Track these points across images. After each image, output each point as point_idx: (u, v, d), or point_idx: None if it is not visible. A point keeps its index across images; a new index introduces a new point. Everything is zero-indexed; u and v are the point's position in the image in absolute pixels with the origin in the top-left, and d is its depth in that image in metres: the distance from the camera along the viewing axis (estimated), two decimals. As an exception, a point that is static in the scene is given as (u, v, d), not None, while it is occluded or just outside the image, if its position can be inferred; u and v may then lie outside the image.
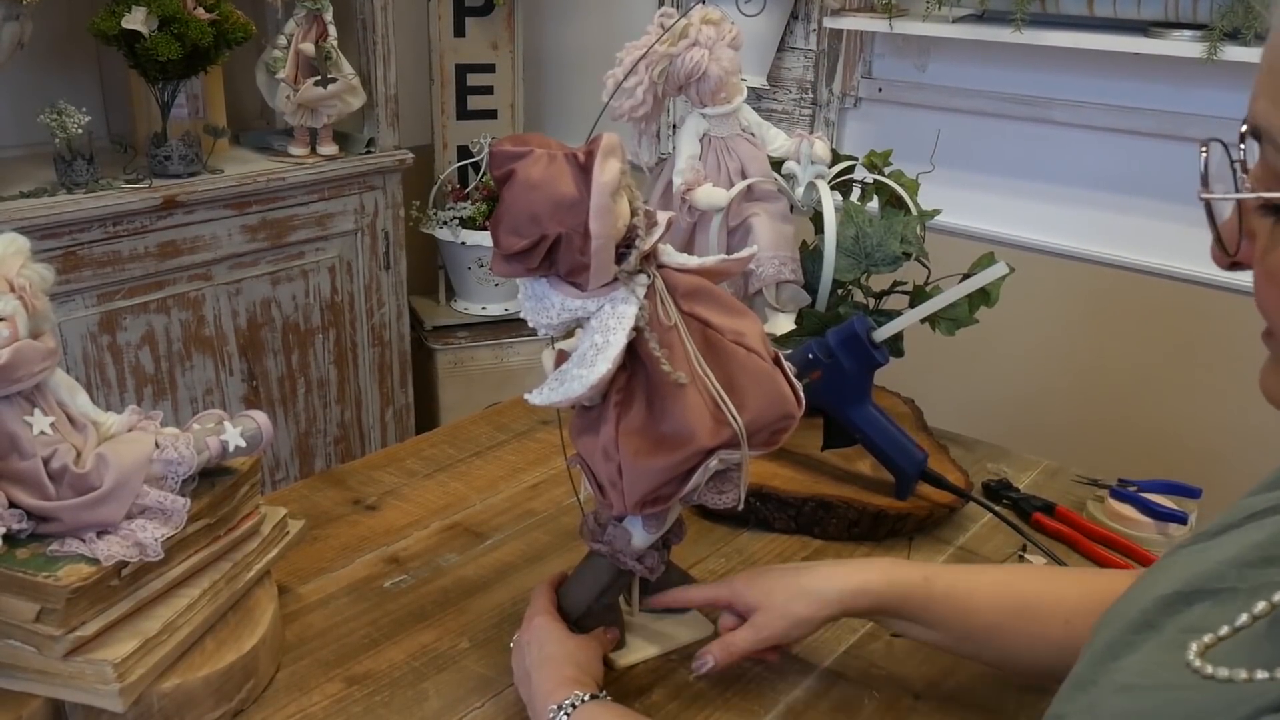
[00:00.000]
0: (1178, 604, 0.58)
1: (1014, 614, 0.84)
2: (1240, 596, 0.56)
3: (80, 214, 1.72)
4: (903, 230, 1.22)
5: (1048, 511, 1.16)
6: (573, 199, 0.71)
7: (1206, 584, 0.58)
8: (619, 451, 0.77)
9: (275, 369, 2.09)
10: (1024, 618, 0.83)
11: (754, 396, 0.79)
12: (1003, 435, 1.39)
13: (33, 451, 0.78)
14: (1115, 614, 0.63)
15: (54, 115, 1.71)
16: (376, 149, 2.17)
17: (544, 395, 0.77)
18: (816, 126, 2.28)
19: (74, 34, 1.97)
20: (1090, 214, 2.00)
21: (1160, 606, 0.59)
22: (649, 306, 0.77)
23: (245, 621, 0.88)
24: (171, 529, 0.81)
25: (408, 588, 1.02)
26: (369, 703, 0.86)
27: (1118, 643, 0.59)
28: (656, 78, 1.18)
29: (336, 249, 2.14)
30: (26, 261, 0.79)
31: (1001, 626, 0.83)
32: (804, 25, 2.26)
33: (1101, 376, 2.01)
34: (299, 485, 1.21)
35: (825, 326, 1.13)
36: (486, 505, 1.17)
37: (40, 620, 0.75)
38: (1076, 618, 0.79)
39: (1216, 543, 0.62)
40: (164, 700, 0.80)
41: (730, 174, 1.23)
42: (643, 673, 0.91)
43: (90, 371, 1.81)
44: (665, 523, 0.85)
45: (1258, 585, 0.55)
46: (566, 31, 2.71)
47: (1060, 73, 1.96)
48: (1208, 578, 0.58)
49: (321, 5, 2.00)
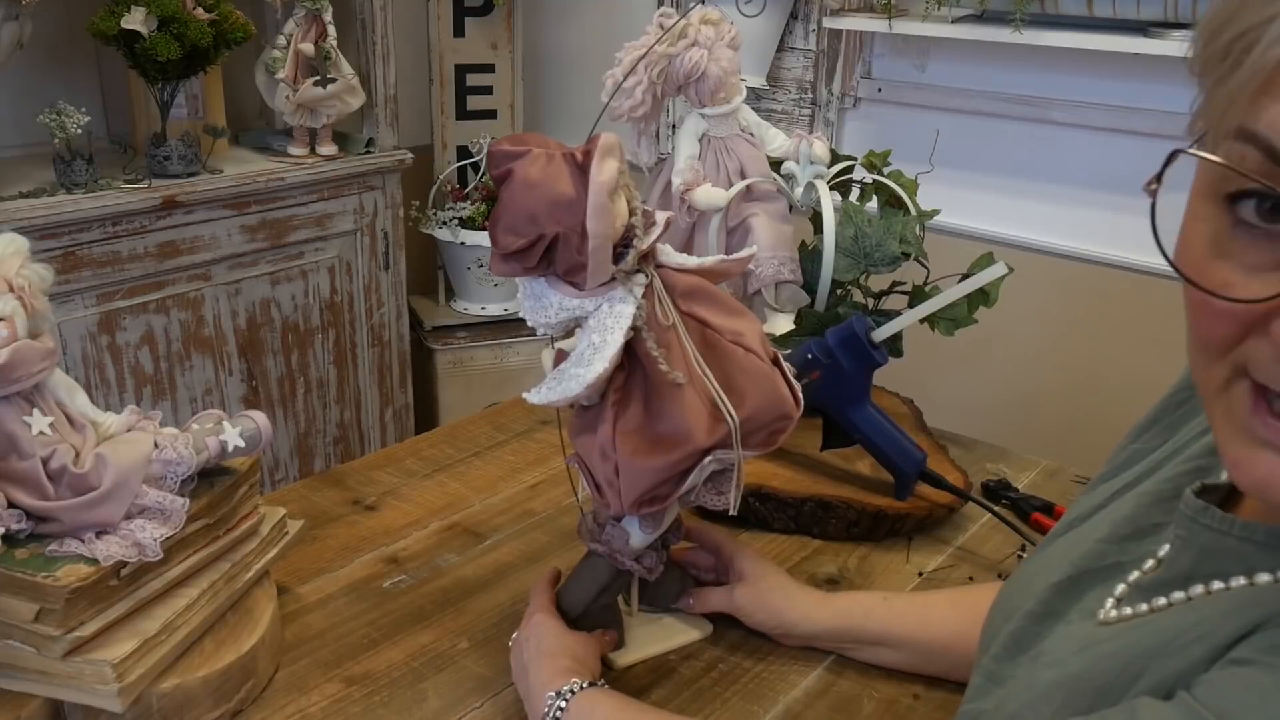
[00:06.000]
0: (1070, 587, 0.62)
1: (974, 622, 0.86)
2: (1125, 568, 0.60)
3: (79, 214, 1.72)
4: (902, 230, 1.22)
5: (1047, 512, 1.16)
6: (570, 198, 0.71)
7: (1092, 564, 0.62)
8: (616, 451, 0.77)
9: (274, 369, 2.09)
10: None
11: (752, 396, 0.79)
12: (1002, 435, 1.39)
13: (32, 452, 0.78)
14: (1010, 607, 0.66)
15: (53, 115, 1.71)
16: (376, 149, 2.17)
17: (542, 394, 0.77)
18: (816, 127, 2.28)
19: (73, 34, 1.97)
20: (1090, 214, 2.00)
21: (1056, 592, 0.62)
22: (647, 306, 0.77)
23: (244, 622, 0.88)
24: (170, 529, 0.81)
25: (407, 588, 1.02)
26: (368, 703, 0.86)
27: (1023, 633, 0.62)
28: (656, 78, 1.18)
29: (336, 249, 2.14)
30: (26, 262, 0.79)
31: (965, 636, 0.85)
32: (803, 25, 2.26)
33: (1101, 376, 2.01)
34: (298, 485, 1.21)
35: (824, 326, 1.13)
36: (486, 505, 1.17)
37: (39, 620, 0.75)
38: None
39: (1090, 524, 0.66)
40: (163, 700, 0.80)
41: (729, 174, 1.23)
42: (642, 672, 0.91)
43: (89, 372, 1.81)
44: (663, 523, 0.85)
45: (1138, 556, 0.60)
46: (566, 32, 2.71)
47: (1060, 73, 1.96)
48: (1091, 557, 0.62)
49: (321, 5, 2.00)
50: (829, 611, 0.92)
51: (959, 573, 1.07)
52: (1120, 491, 0.66)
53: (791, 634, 0.92)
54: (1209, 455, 0.61)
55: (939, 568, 1.08)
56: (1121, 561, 0.61)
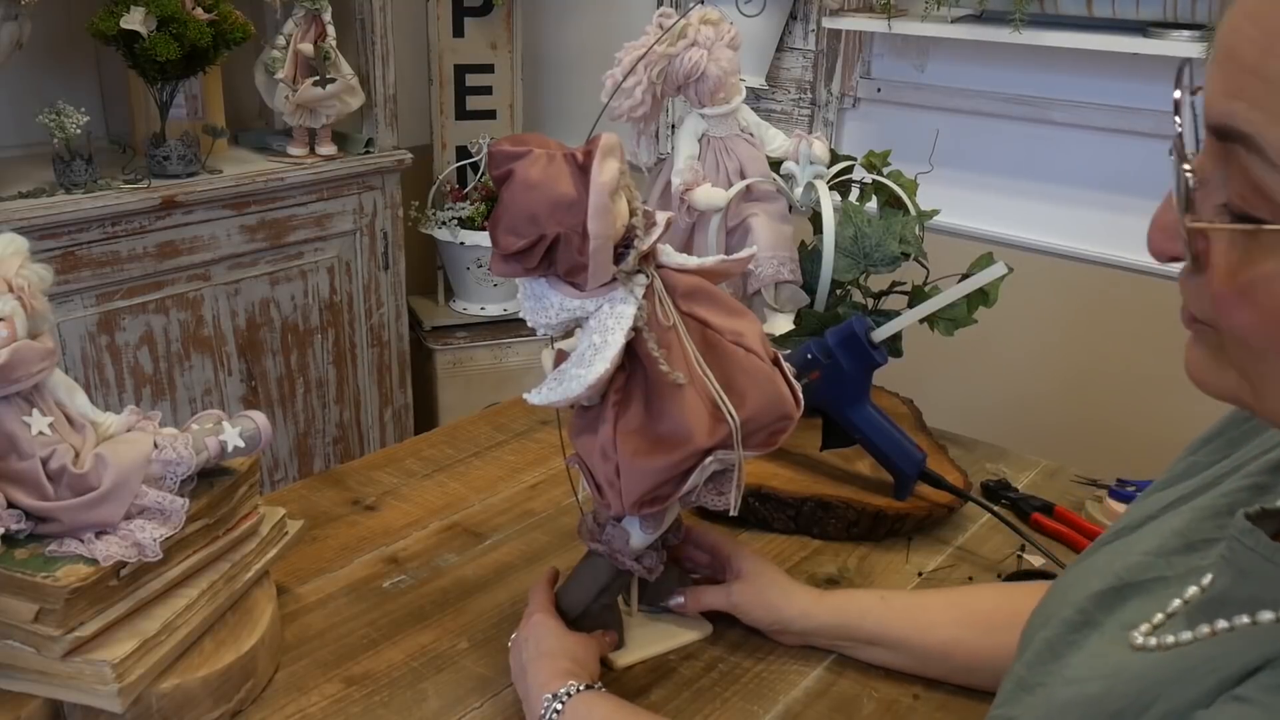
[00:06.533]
0: (1112, 599, 0.61)
1: (970, 627, 0.87)
2: (1171, 584, 0.58)
3: (79, 214, 1.72)
4: (901, 230, 1.22)
5: (1046, 512, 1.16)
6: (571, 199, 0.71)
7: (1136, 576, 0.60)
8: (617, 451, 0.77)
9: (274, 369, 2.09)
10: (982, 632, 0.86)
11: (753, 396, 0.79)
12: (1001, 435, 1.39)
13: (31, 452, 0.78)
14: (1049, 613, 0.65)
15: (52, 115, 1.71)
16: (375, 149, 2.17)
17: (543, 395, 0.77)
18: (815, 127, 2.28)
19: (73, 34, 1.97)
20: (1089, 214, 2.00)
21: (1096, 603, 0.61)
22: (647, 306, 0.77)
23: (244, 622, 0.88)
24: (170, 529, 0.81)
25: (406, 588, 1.02)
26: (368, 703, 0.86)
27: (1059, 641, 0.61)
28: (655, 78, 1.18)
29: (335, 249, 2.14)
30: (25, 262, 0.79)
31: (961, 642, 0.86)
32: (803, 25, 2.26)
33: (1100, 376, 2.01)
34: (298, 485, 1.21)
35: (824, 327, 1.13)
36: (485, 505, 1.17)
37: (39, 620, 0.75)
38: None
39: (1139, 535, 0.64)
40: (162, 701, 0.80)
41: (729, 174, 1.23)
42: (642, 672, 0.91)
43: (89, 372, 1.80)
44: (663, 523, 0.85)
45: (1185, 571, 0.58)
46: (565, 32, 2.71)
47: (1059, 73, 1.96)
48: (1137, 570, 0.61)
49: (320, 5, 2.00)
50: (826, 609, 0.92)
51: (959, 573, 1.07)
52: (1174, 504, 0.64)
53: (789, 631, 0.92)
54: (1271, 473, 0.59)
55: (939, 568, 1.08)
56: (1166, 576, 0.59)
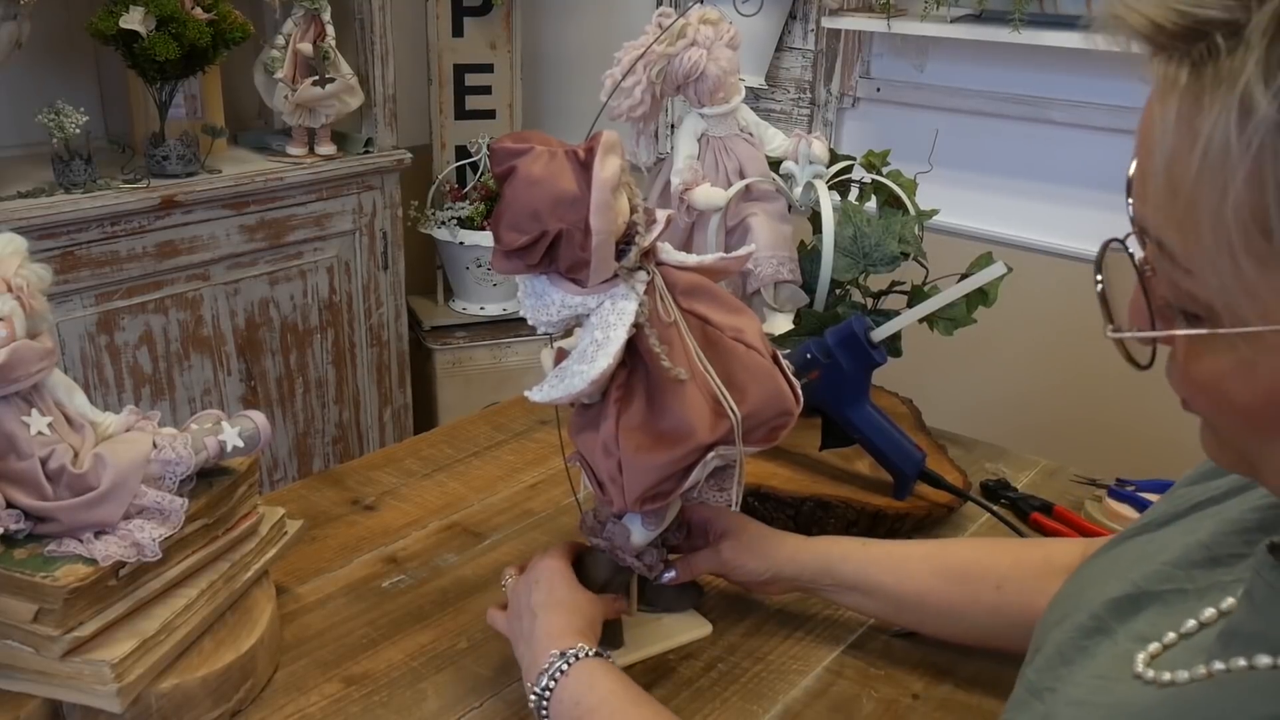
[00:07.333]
0: (1128, 607, 0.60)
1: (945, 578, 0.88)
2: (1189, 598, 0.57)
3: (78, 214, 1.72)
4: (901, 230, 1.22)
5: (1046, 511, 1.16)
6: (573, 195, 0.71)
7: (1155, 586, 0.59)
8: (619, 448, 0.77)
9: (273, 369, 2.09)
10: (956, 582, 0.87)
11: (753, 392, 0.79)
12: (1001, 435, 1.39)
13: (30, 452, 0.77)
14: (1064, 611, 0.64)
15: (52, 115, 1.71)
16: (375, 149, 2.17)
17: (544, 392, 0.77)
18: (815, 126, 2.28)
19: (72, 34, 1.97)
20: (1089, 214, 2.00)
21: (1110, 610, 0.60)
22: (649, 303, 0.77)
23: (243, 622, 0.87)
24: (169, 529, 0.80)
25: (406, 588, 1.02)
26: (367, 703, 0.86)
27: (1070, 646, 0.60)
28: (654, 78, 1.18)
29: (335, 249, 2.14)
30: (24, 261, 0.79)
31: (935, 591, 0.87)
32: (802, 25, 2.26)
33: (1099, 376, 2.01)
34: (297, 485, 1.20)
35: (823, 326, 1.13)
36: (485, 505, 1.17)
37: (38, 620, 0.75)
38: (1008, 583, 0.84)
39: (1163, 535, 0.63)
40: (162, 700, 0.80)
41: (728, 174, 1.23)
42: (642, 672, 0.91)
43: (88, 372, 1.80)
44: (664, 520, 0.85)
45: (1205, 586, 0.57)
46: (565, 31, 2.71)
47: (1059, 73, 1.96)
48: (1156, 580, 0.60)
49: (319, 5, 2.00)
50: (811, 553, 0.92)
51: (959, 572, 1.07)
52: (1202, 504, 0.63)
53: (780, 578, 0.92)
54: None
55: (939, 567, 1.08)
56: (1185, 590, 0.57)
